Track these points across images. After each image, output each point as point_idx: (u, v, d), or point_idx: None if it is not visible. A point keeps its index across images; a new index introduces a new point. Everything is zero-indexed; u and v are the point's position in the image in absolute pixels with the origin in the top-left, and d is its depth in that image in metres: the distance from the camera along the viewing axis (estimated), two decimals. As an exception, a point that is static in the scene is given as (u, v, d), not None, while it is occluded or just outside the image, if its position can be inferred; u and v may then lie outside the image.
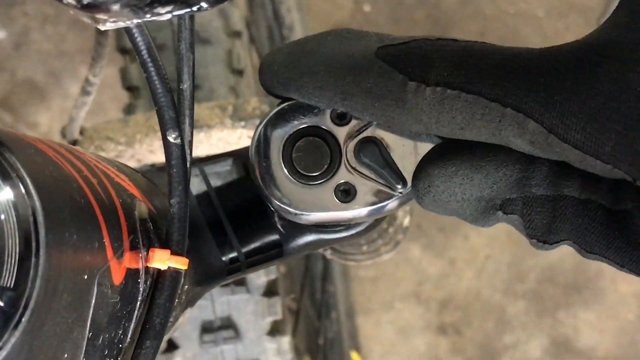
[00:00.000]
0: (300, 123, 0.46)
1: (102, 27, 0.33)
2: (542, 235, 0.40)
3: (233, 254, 0.51)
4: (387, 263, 2.00)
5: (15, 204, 0.29)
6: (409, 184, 0.45)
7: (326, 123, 0.46)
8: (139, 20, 0.33)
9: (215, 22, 1.07)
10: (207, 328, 0.90)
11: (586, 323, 1.99)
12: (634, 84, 0.35)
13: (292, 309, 1.13)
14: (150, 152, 0.84)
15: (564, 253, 2.00)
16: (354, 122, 0.45)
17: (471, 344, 1.99)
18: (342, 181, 0.46)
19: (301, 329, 1.21)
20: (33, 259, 0.29)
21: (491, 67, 0.38)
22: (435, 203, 0.42)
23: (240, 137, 0.84)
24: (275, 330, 0.91)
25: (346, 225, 0.52)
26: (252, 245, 0.51)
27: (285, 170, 0.46)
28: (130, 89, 1.04)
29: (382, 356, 1.99)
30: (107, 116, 1.82)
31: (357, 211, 0.46)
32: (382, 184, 0.45)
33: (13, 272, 0.29)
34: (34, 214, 0.29)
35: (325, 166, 0.46)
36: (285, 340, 0.91)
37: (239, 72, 1.01)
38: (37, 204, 0.29)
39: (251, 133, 0.83)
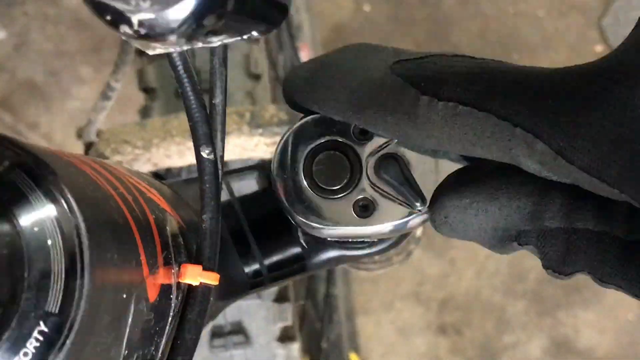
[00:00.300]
0: (323, 137, 0.46)
1: (150, 52, 0.33)
2: (557, 267, 0.40)
3: (256, 267, 0.51)
4: (388, 263, 2.00)
5: (62, 228, 0.29)
6: (429, 202, 0.45)
7: (348, 138, 0.46)
8: (189, 47, 0.33)
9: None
10: (217, 333, 0.90)
11: (586, 323, 1.99)
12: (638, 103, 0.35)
13: (298, 313, 1.13)
14: (166, 156, 0.84)
15: (564, 253, 2.00)
16: (376, 138, 0.46)
17: (471, 344, 1.99)
18: (362, 197, 0.46)
19: (304, 333, 1.21)
20: (78, 281, 0.29)
21: (503, 85, 0.38)
22: (453, 232, 0.42)
23: (257, 144, 0.84)
24: (285, 336, 0.91)
25: (369, 242, 0.52)
26: (275, 258, 0.51)
27: (306, 183, 0.46)
28: (147, 90, 1.04)
29: (382, 356, 1.99)
30: (123, 117, 1.82)
31: (376, 227, 0.46)
32: (402, 201, 0.45)
33: (59, 296, 0.28)
34: (79, 236, 0.29)
35: (346, 180, 0.46)
36: (295, 347, 0.91)
37: (256, 77, 1.01)
38: (82, 226, 0.29)
39: (268, 140, 0.83)
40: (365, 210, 0.46)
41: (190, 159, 0.84)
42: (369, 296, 2.00)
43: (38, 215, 0.29)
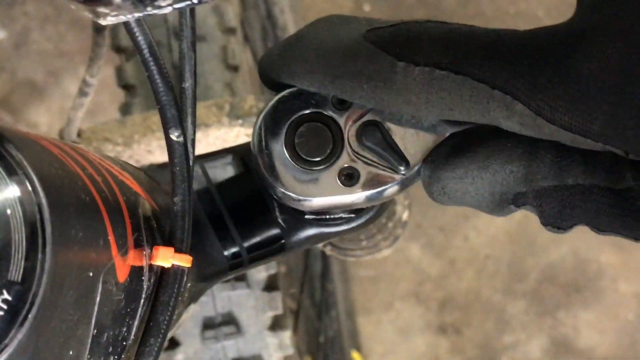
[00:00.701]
0: (302, 110, 0.46)
1: (102, 22, 0.33)
2: (555, 222, 0.41)
3: (235, 249, 0.51)
4: (387, 262, 2.00)
5: (21, 200, 0.29)
6: (412, 165, 0.45)
7: (327, 109, 0.46)
8: (141, 14, 0.33)
9: (209, 18, 1.07)
10: (208, 324, 0.90)
11: (586, 323, 1.99)
12: (613, 60, 0.35)
13: (292, 309, 1.13)
14: (148, 152, 0.84)
15: (564, 253, 2.00)
16: (355, 107, 0.46)
17: (471, 343, 1.99)
18: (346, 165, 0.46)
19: (301, 329, 1.21)
20: (40, 255, 0.29)
21: (479, 48, 0.39)
22: (452, 200, 0.43)
23: (237, 136, 0.84)
24: (276, 325, 0.91)
25: (347, 218, 0.53)
26: (254, 240, 0.51)
27: (288, 156, 0.46)
28: (127, 87, 1.04)
29: (382, 356, 1.99)
30: (104, 115, 1.82)
31: (359, 194, 0.46)
32: (385, 166, 0.46)
33: (20, 266, 0.29)
34: (40, 211, 0.29)
35: (328, 151, 0.46)
36: (287, 335, 0.91)
37: (235, 68, 1.01)
38: (44, 200, 0.29)
39: (249, 131, 0.84)
40: (350, 179, 0.46)
41: None
42: (369, 296, 1.99)
43: (0, 197, 0.29)
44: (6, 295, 0.29)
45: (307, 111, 0.46)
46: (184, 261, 0.40)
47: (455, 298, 2.01)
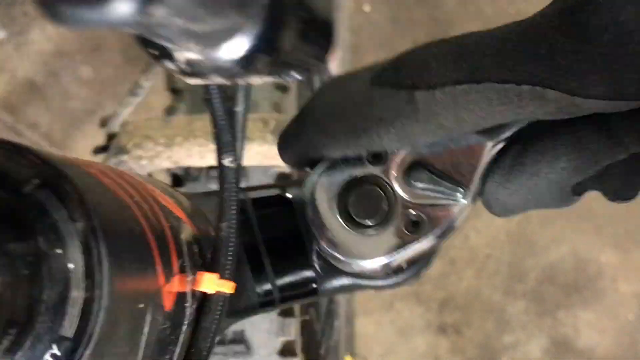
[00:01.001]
0: (345, 176, 0.46)
1: (190, 82, 0.33)
2: (622, 195, 0.42)
3: (267, 287, 0.50)
4: (388, 263, 1.99)
5: (83, 245, 0.28)
6: (468, 187, 0.45)
7: (368, 168, 0.45)
8: (229, 83, 0.33)
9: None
10: (218, 340, 0.89)
11: (586, 323, 1.99)
12: (623, 21, 0.35)
13: (303, 324, 1.13)
14: (187, 156, 0.83)
15: (564, 253, 2.01)
16: (391, 155, 0.45)
17: (471, 344, 1.99)
18: (409, 213, 0.45)
19: (305, 336, 1.20)
20: (97, 292, 0.29)
21: (490, 52, 0.38)
22: (515, 212, 0.43)
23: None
24: (286, 350, 0.90)
25: (385, 275, 0.52)
26: (287, 280, 0.51)
27: (345, 226, 0.46)
28: (174, 91, 1.03)
29: (382, 356, 1.99)
30: (148, 114, 1.82)
31: (430, 237, 0.45)
32: (444, 200, 0.45)
33: (75, 321, 0.28)
34: (99, 258, 0.29)
35: (385, 210, 0.45)
36: (295, 362, 0.90)
37: (284, 89, 1.00)
38: (102, 239, 0.29)
39: None
40: (416, 226, 0.45)
41: (210, 161, 0.83)
42: (369, 296, 1.99)
43: (61, 237, 0.29)
44: (55, 351, 0.28)
45: (349, 176, 0.46)
46: (228, 288, 0.40)
47: (455, 298, 2.02)
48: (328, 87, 0.44)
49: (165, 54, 0.31)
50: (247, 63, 0.30)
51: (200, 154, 0.82)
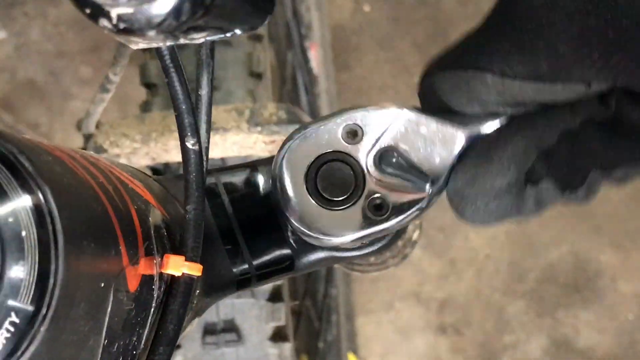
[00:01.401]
0: (315, 152, 0.46)
1: (133, 47, 0.34)
2: (570, 180, 0.42)
3: (244, 266, 0.50)
4: (388, 263, 1.99)
5: (35, 216, 0.29)
6: (435, 180, 0.45)
7: (341, 145, 0.46)
8: (172, 43, 0.33)
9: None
10: (209, 330, 0.90)
11: (586, 323, 1.99)
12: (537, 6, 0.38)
13: (294, 311, 1.13)
14: (164, 150, 0.83)
15: (564, 253, 2.00)
16: (367, 136, 0.46)
17: (471, 344, 1.99)
18: (375, 196, 0.46)
19: (302, 331, 1.20)
20: (52, 268, 0.29)
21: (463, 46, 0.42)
22: (479, 216, 0.44)
23: (255, 142, 0.83)
24: (277, 335, 0.90)
25: (360, 245, 0.52)
26: (264, 258, 0.51)
27: (312, 200, 0.46)
28: (148, 85, 1.04)
29: (382, 356, 1.99)
30: (123, 111, 1.82)
31: (391, 222, 0.46)
32: (411, 188, 0.45)
33: (32, 287, 0.28)
34: (53, 227, 0.29)
35: (352, 188, 0.46)
36: (288, 347, 0.90)
37: (258, 76, 1.00)
38: (56, 214, 0.29)
39: (267, 139, 0.83)
40: (379, 209, 0.45)
41: None
42: (369, 296, 1.99)
43: (13, 206, 0.29)
44: (14, 318, 0.28)
45: (321, 151, 0.46)
46: (195, 270, 0.40)
47: (455, 298, 2.01)
48: None
49: (98, 12, 0.31)
50: (178, 15, 0.31)
51: (177, 148, 0.82)
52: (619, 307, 1.99)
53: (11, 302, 0.29)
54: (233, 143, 0.82)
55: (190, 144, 0.39)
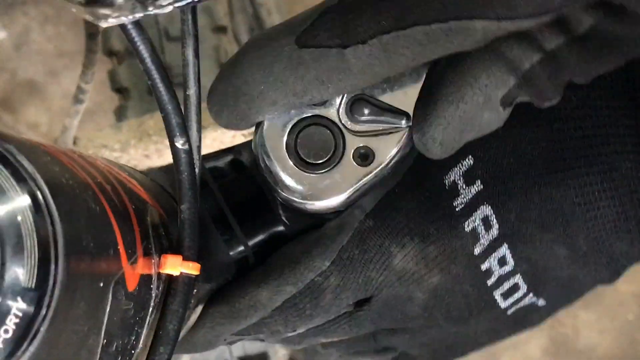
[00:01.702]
0: (290, 119, 0.46)
1: (103, 24, 0.33)
2: (548, 92, 0.42)
3: (240, 248, 0.51)
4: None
5: (33, 209, 0.29)
6: (412, 112, 0.45)
7: (311, 109, 0.46)
8: (142, 14, 0.33)
9: (200, 18, 1.06)
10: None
11: (586, 323, 1.99)
12: None
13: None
14: (145, 156, 0.84)
15: (564, 253, 2.00)
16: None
17: (471, 343, 1.99)
18: (356, 147, 0.46)
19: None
20: (52, 267, 0.29)
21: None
22: (451, 147, 0.43)
23: (234, 136, 0.84)
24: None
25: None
26: (258, 238, 0.52)
27: (298, 168, 0.46)
28: (120, 90, 1.04)
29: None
30: (99, 120, 1.82)
31: (380, 166, 0.46)
32: (389, 128, 0.46)
33: (34, 273, 0.29)
34: (52, 221, 0.29)
35: (333, 147, 0.46)
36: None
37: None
38: (55, 210, 0.29)
39: (245, 132, 0.83)
40: (366, 158, 0.46)
41: (169, 157, 0.84)
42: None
43: (12, 206, 0.29)
44: (21, 303, 0.28)
45: (296, 119, 0.46)
46: (193, 269, 0.40)
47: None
48: (249, 50, 0.44)
49: None
50: None
51: (158, 152, 0.83)
52: (619, 307, 1.99)
53: (11, 303, 0.29)
54: (212, 139, 0.82)
55: (179, 143, 0.39)
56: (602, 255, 0.47)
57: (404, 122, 0.46)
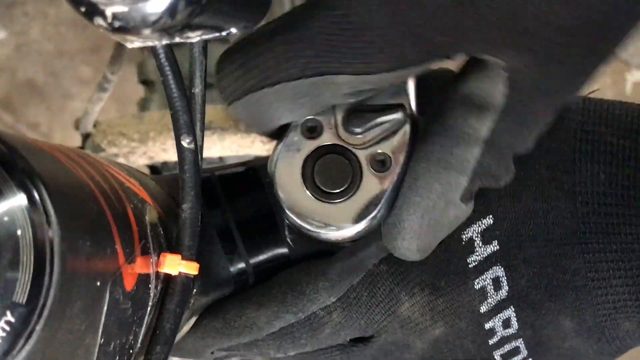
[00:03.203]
0: (306, 147, 0.46)
1: (129, 46, 0.34)
2: (503, 173, 0.45)
3: (241, 265, 0.50)
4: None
5: (30, 212, 0.29)
6: (406, 105, 0.46)
7: (321, 140, 0.46)
8: (167, 42, 0.34)
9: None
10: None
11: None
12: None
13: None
14: (162, 150, 0.83)
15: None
16: (325, 126, 0.46)
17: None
18: (377, 151, 0.46)
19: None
20: (47, 267, 0.29)
21: (275, 55, 0.41)
22: (431, 246, 0.46)
23: (253, 142, 0.83)
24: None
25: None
26: (260, 257, 0.51)
27: (311, 195, 0.46)
28: (146, 83, 1.03)
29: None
30: (122, 109, 1.82)
31: (399, 168, 0.46)
32: (391, 127, 0.46)
33: (27, 287, 0.28)
34: (49, 226, 0.29)
35: (350, 179, 0.46)
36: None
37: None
38: (52, 212, 0.29)
39: (265, 138, 0.83)
40: (383, 164, 0.46)
41: None
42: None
43: (8, 205, 0.29)
44: (9, 317, 0.28)
45: (311, 148, 0.46)
46: (191, 269, 0.40)
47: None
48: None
49: (93, 10, 0.32)
50: (173, 13, 0.31)
51: (175, 147, 0.83)
52: (619, 307, 1.98)
53: (6, 302, 0.28)
54: (231, 142, 0.82)
55: (186, 142, 0.39)
56: (607, 332, 0.48)
57: (400, 115, 0.46)
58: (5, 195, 0.29)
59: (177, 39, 0.33)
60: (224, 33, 0.35)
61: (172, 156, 0.84)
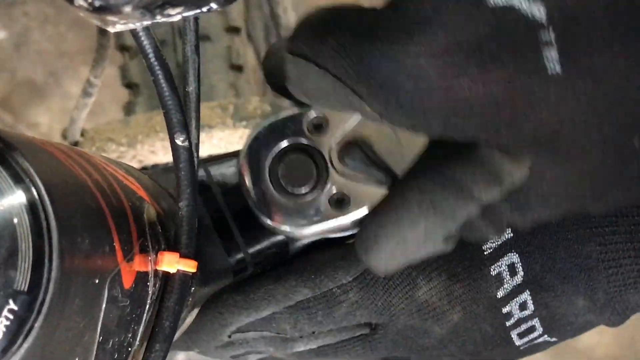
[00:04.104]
0: (279, 142, 0.47)
1: (111, 29, 0.34)
2: (492, 235, 0.44)
3: (239, 255, 0.51)
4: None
5: (28, 208, 0.29)
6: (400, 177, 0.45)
7: (304, 137, 0.46)
8: (149, 22, 0.33)
9: (213, 18, 1.07)
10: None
11: (586, 323, 1.99)
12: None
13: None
14: (151, 152, 0.84)
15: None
16: (332, 129, 0.46)
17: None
18: (335, 192, 0.46)
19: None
20: (46, 264, 0.29)
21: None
22: (398, 267, 0.44)
23: (241, 137, 0.84)
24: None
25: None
26: (258, 246, 0.51)
27: (275, 192, 0.47)
28: (130, 86, 1.04)
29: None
30: (107, 114, 1.82)
31: (351, 216, 0.46)
32: (373, 184, 0.46)
33: (27, 276, 0.29)
34: (47, 219, 0.29)
35: (313, 181, 0.46)
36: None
37: (239, 68, 1.01)
38: (50, 208, 0.29)
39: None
40: (341, 204, 0.46)
41: None
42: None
43: (7, 203, 0.29)
44: (12, 305, 0.29)
45: (286, 144, 0.46)
46: (189, 266, 0.40)
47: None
48: None
49: None
50: None
51: (164, 149, 0.83)
52: (619, 307, 1.99)
53: (4, 299, 0.29)
54: (219, 139, 0.82)
55: (179, 140, 0.39)
56: (618, 306, 0.50)
57: (388, 182, 0.45)
58: (3, 193, 0.29)
59: (159, 18, 0.33)
60: (204, 9, 0.35)
61: (161, 158, 0.85)
